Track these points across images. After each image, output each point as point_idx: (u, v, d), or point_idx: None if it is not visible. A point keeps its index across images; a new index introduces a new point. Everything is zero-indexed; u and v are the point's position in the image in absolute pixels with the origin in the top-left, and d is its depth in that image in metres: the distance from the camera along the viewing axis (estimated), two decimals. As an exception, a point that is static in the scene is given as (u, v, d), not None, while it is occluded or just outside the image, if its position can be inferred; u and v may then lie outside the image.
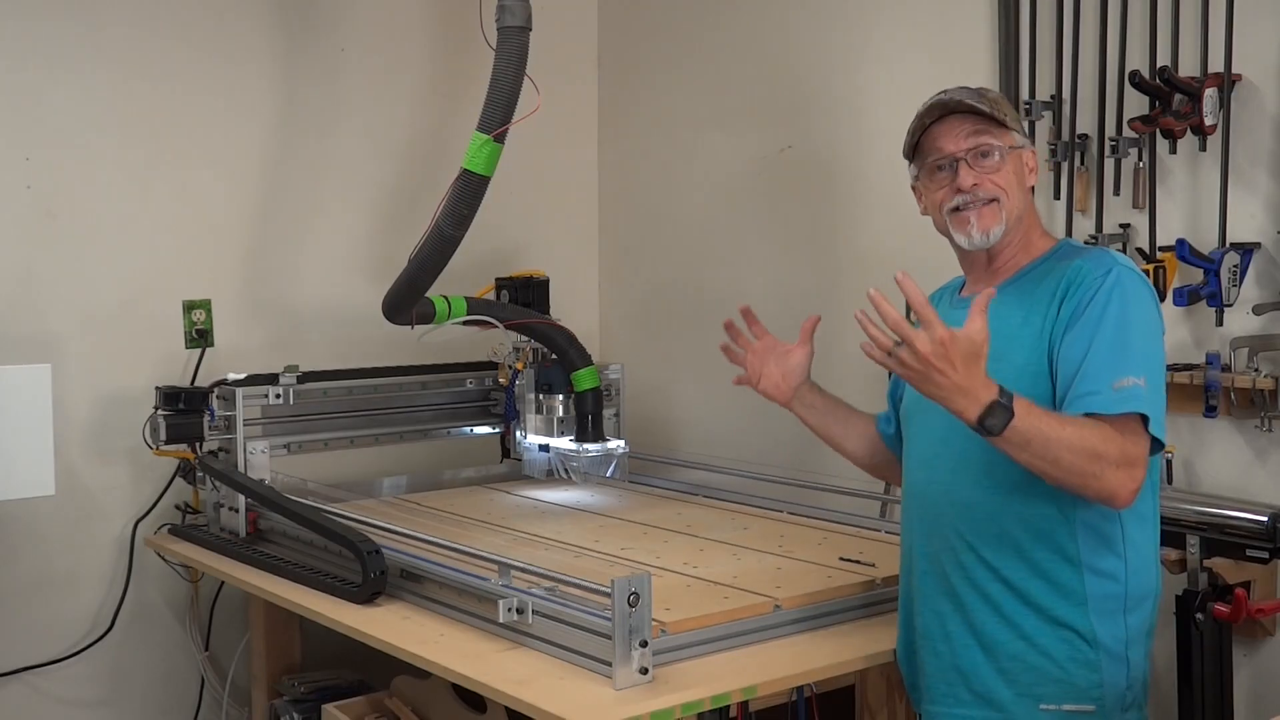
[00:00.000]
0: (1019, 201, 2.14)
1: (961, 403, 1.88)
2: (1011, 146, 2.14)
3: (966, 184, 2.12)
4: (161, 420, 3.18)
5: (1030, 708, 2.08)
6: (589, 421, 3.45)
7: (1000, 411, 1.87)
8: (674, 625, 2.24)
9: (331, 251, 3.79)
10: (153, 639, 3.52)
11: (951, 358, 1.84)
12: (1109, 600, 2.07)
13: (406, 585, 2.62)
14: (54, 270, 3.36)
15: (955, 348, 1.84)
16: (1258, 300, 2.65)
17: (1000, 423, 1.88)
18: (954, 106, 2.13)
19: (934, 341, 1.84)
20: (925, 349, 1.84)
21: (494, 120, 3.07)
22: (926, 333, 1.85)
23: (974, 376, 1.86)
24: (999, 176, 2.12)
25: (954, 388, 1.86)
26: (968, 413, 1.88)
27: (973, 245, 2.14)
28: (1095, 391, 1.96)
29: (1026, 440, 1.90)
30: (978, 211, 2.12)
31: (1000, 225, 2.12)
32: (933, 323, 1.84)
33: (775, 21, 3.69)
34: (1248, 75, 2.67)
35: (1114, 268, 2.04)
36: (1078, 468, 1.91)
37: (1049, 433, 1.90)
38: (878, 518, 3.06)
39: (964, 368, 1.85)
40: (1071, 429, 1.91)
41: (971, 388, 1.86)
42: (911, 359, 1.86)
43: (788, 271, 3.68)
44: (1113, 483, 1.93)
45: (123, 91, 3.44)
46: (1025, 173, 2.17)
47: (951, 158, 2.13)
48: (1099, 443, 1.91)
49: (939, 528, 2.16)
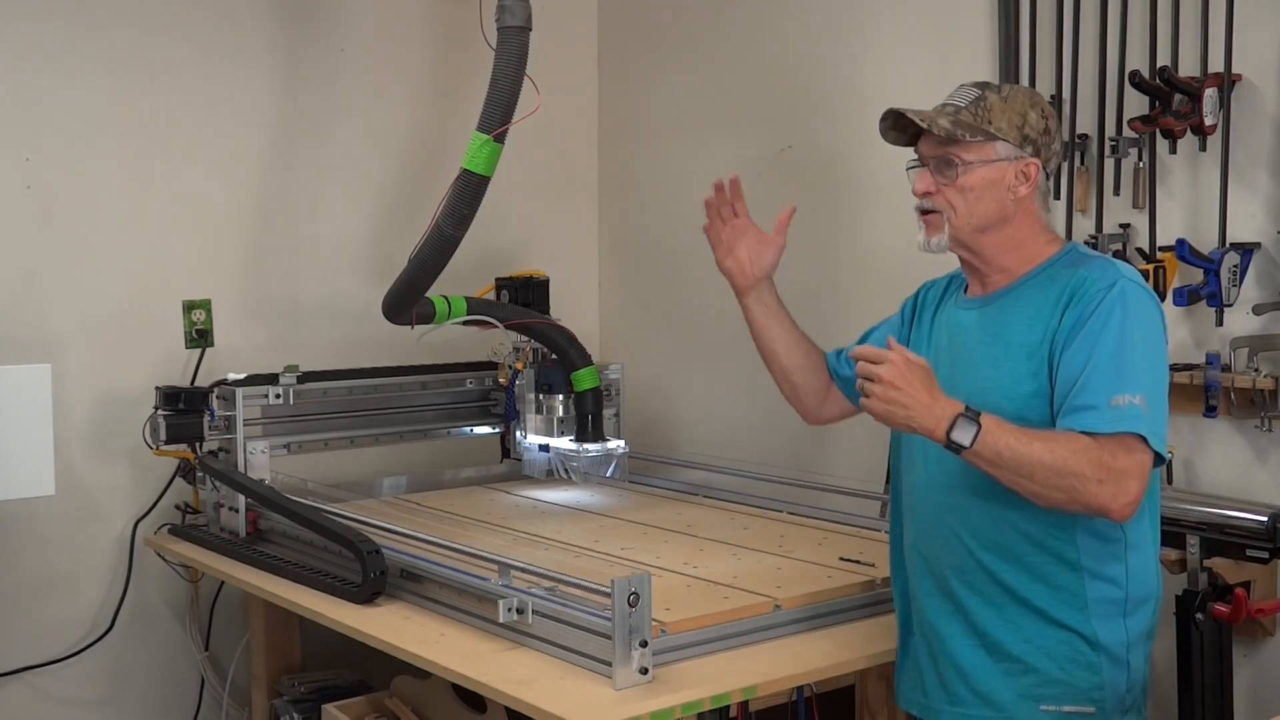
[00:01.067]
0: (978, 215, 2.11)
1: (927, 422, 1.95)
2: (987, 160, 2.10)
3: (917, 189, 2.15)
4: (161, 420, 3.18)
5: (1031, 709, 2.08)
6: (589, 421, 3.45)
7: (965, 424, 1.92)
8: (674, 625, 2.24)
9: (331, 251, 3.79)
10: (153, 639, 3.52)
11: (910, 378, 1.94)
12: (1110, 604, 2.07)
13: (406, 585, 2.62)
14: (54, 270, 3.36)
15: (912, 369, 1.95)
16: (1258, 300, 2.65)
17: (968, 436, 1.92)
18: (927, 126, 2.12)
19: (894, 364, 1.95)
20: (888, 374, 1.95)
21: (494, 120, 3.07)
22: (885, 360, 1.96)
23: (934, 394, 1.96)
24: (948, 191, 2.12)
25: (918, 406, 1.95)
26: (936, 431, 1.95)
27: (923, 248, 2.17)
28: (1091, 406, 1.95)
29: (997, 455, 1.93)
30: (924, 218, 2.16)
31: (940, 236, 2.14)
32: (886, 353, 1.96)
33: (775, 22, 3.69)
34: (1248, 75, 2.67)
35: (1119, 280, 2.02)
36: (1053, 482, 1.92)
37: (1019, 448, 1.92)
38: (878, 518, 3.05)
39: (924, 387, 1.95)
40: (1041, 444, 1.92)
41: (934, 405, 1.95)
42: (877, 389, 1.95)
43: (788, 271, 3.65)
44: (1099, 497, 1.92)
45: (123, 91, 3.44)
46: (1006, 185, 2.11)
47: (919, 161, 2.17)
48: (1069, 457, 1.91)
49: (938, 528, 2.16)
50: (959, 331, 2.20)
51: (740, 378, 3.68)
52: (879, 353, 1.96)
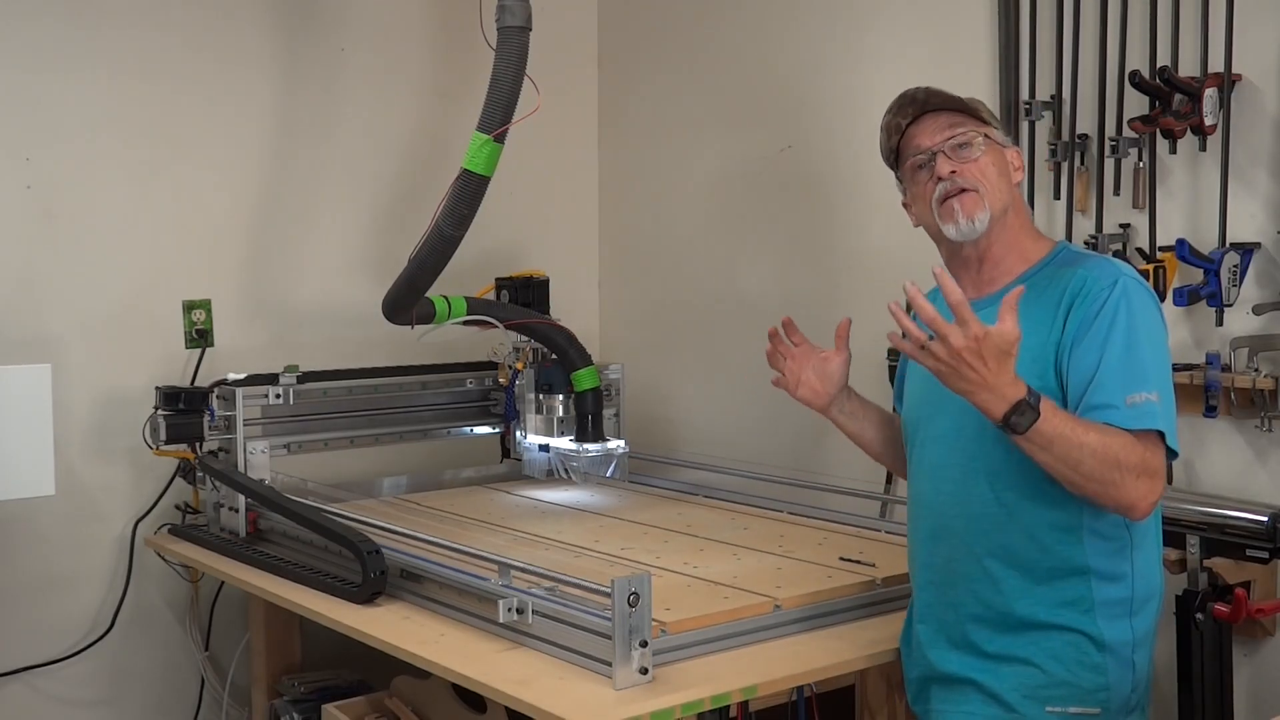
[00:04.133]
0: (1002, 194, 2.12)
1: (988, 399, 1.89)
2: (994, 142, 2.13)
3: (944, 171, 2.11)
4: (161, 420, 3.18)
5: (1037, 710, 2.07)
6: (589, 421, 3.45)
7: (1027, 410, 1.88)
8: (674, 625, 2.24)
9: (331, 251, 3.79)
10: (153, 639, 3.52)
11: (984, 354, 1.86)
12: (1116, 604, 2.07)
13: (406, 585, 2.62)
14: (54, 270, 3.36)
15: (988, 344, 1.86)
16: (1258, 300, 2.65)
17: (1026, 421, 1.89)
18: (931, 104, 2.13)
19: (968, 337, 1.86)
20: (959, 343, 1.86)
21: (494, 120, 3.07)
22: (961, 329, 1.86)
23: (1003, 374, 1.88)
24: (976, 167, 2.11)
25: (983, 384, 1.88)
26: (994, 409, 1.89)
27: (960, 234, 2.12)
28: (1110, 405, 1.95)
29: (1050, 441, 1.90)
30: (959, 199, 2.11)
31: (984, 213, 2.10)
32: (969, 320, 1.86)
33: (775, 22, 3.69)
34: (1248, 75, 2.67)
35: (1120, 278, 2.03)
36: (1099, 474, 1.91)
37: (1072, 436, 1.90)
38: (878, 518, 3.06)
39: (995, 364, 1.87)
40: (1095, 434, 1.91)
41: (999, 385, 1.88)
42: (944, 352, 1.88)
43: (788, 271, 3.68)
44: (1133, 493, 1.93)
45: (123, 91, 3.44)
46: (1009, 169, 2.15)
47: (930, 151, 2.13)
48: (1120, 450, 1.91)
49: (946, 536, 2.16)
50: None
51: (740, 378, 3.69)
52: (944, 325, 1.86)
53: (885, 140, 2.20)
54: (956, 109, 2.14)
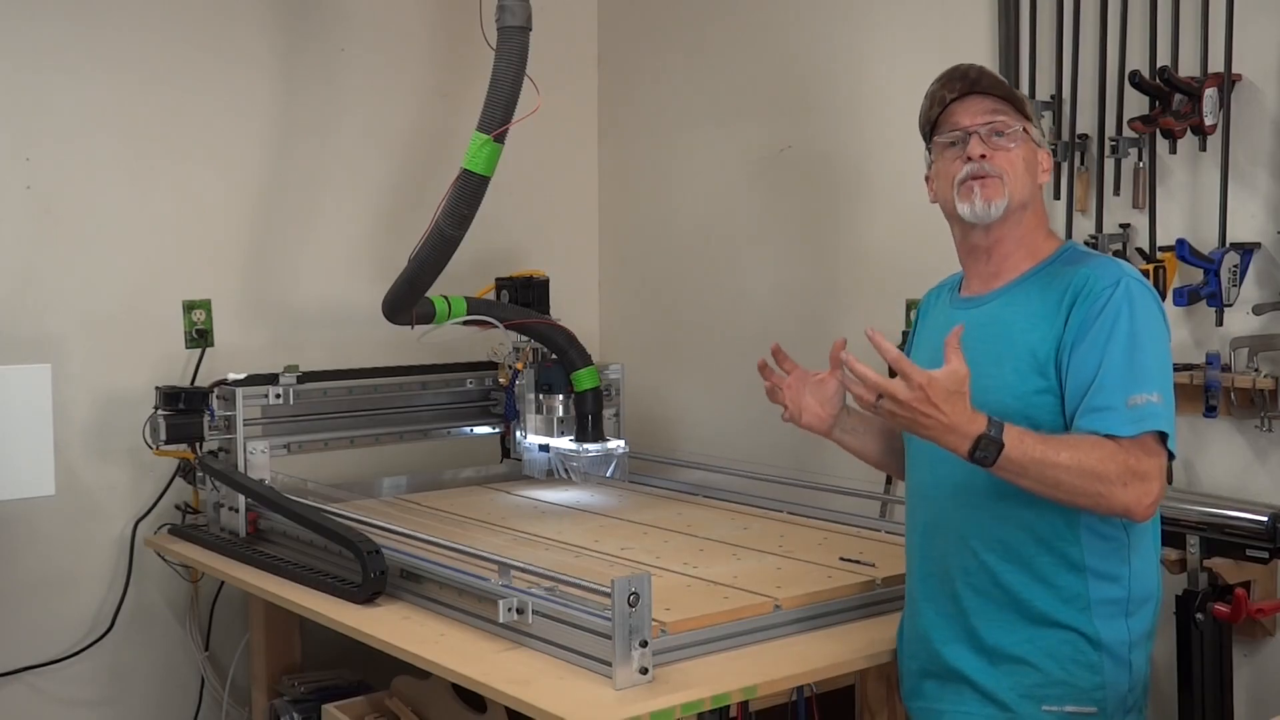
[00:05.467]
0: (1025, 188, 2.12)
1: (952, 439, 1.91)
2: (1028, 139, 2.13)
3: (975, 152, 2.10)
4: (161, 420, 3.18)
5: (1033, 709, 2.07)
6: (589, 421, 3.45)
7: (989, 444, 1.90)
8: (674, 625, 2.24)
9: (331, 251, 3.79)
10: (153, 639, 3.52)
11: (933, 399, 1.88)
12: (1113, 604, 2.06)
13: (406, 585, 2.62)
14: (54, 270, 3.36)
15: (936, 389, 1.88)
16: (1258, 300, 2.65)
17: (992, 454, 1.90)
18: (980, 85, 2.12)
19: (912, 388, 1.88)
20: (906, 396, 1.89)
21: (494, 120, 3.07)
22: (904, 382, 1.88)
23: (959, 413, 1.90)
24: (1007, 157, 2.11)
25: (941, 427, 1.90)
26: (960, 448, 1.92)
27: (974, 215, 2.11)
28: (1110, 408, 1.95)
29: (1023, 468, 1.92)
30: (982, 182, 2.10)
31: (1002, 200, 2.10)
32: (909, 372, 1.88)
33: (775, 21, 3.69)
34: (1248, 75, 2.67)
35: (1123, 278, 2.03)
36: (1081, 489, 1.92)
37: (1044, 458, 1.91)
38: (878, 518, 3.06)
39: (948, 407, 1.89)
40: (1068, 452, 1.92)
41: (958, 424, 1.90)
42: (895, 407, 1.90)
43: (788, 271, 3.68)
44: (1124, 500, 1.93)
45: (123, 91, 3.45)
46: (1037, 168, 2.15)
47: (966, 131, 2.12)
48: (1097, 463, 1.92)
49: (942, 530, 2.16)
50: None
51: (740, 377, 3.67)
52: (886, 384, 1.89)
53: (926, 109, 2.19)
54: (1003, 96, 2.13)
